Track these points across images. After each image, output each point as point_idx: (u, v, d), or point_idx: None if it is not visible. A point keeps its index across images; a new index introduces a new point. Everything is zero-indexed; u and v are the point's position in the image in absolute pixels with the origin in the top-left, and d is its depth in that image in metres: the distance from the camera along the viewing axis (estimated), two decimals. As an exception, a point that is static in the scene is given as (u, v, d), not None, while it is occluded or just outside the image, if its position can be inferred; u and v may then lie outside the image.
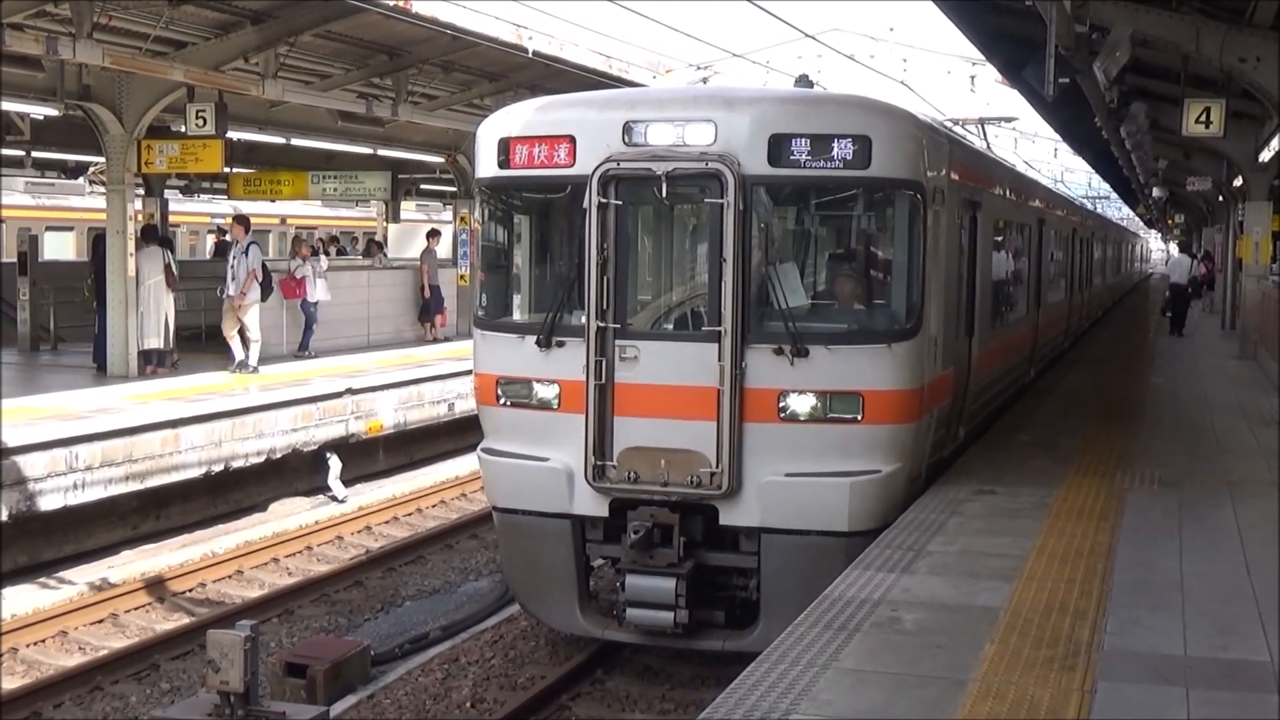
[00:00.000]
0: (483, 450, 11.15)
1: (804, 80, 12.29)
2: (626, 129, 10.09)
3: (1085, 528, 10.07)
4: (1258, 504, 11.30)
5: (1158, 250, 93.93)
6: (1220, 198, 33.04)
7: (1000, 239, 15.90)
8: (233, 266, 20.17)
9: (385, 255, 35.10)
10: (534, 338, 10.47)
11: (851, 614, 7.71)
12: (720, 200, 9.84)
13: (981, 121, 29.71)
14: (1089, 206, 41.54)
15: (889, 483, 10.15)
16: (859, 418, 9.96)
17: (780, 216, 10.70)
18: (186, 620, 13.35)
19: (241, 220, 21.52)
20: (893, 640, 7.28)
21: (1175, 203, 50.46)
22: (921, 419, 10.59)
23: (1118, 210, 73.28)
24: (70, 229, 36.90)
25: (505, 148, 10.61)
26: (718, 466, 9.90)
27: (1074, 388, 20.16)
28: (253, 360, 20.45)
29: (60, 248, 35.22)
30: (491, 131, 10.82)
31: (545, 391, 10.51)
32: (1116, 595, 8.22)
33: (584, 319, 10.20)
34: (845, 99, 11.13)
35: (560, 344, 10.38)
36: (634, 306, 10.60)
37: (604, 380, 10.11)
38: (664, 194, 10.11)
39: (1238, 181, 27.45)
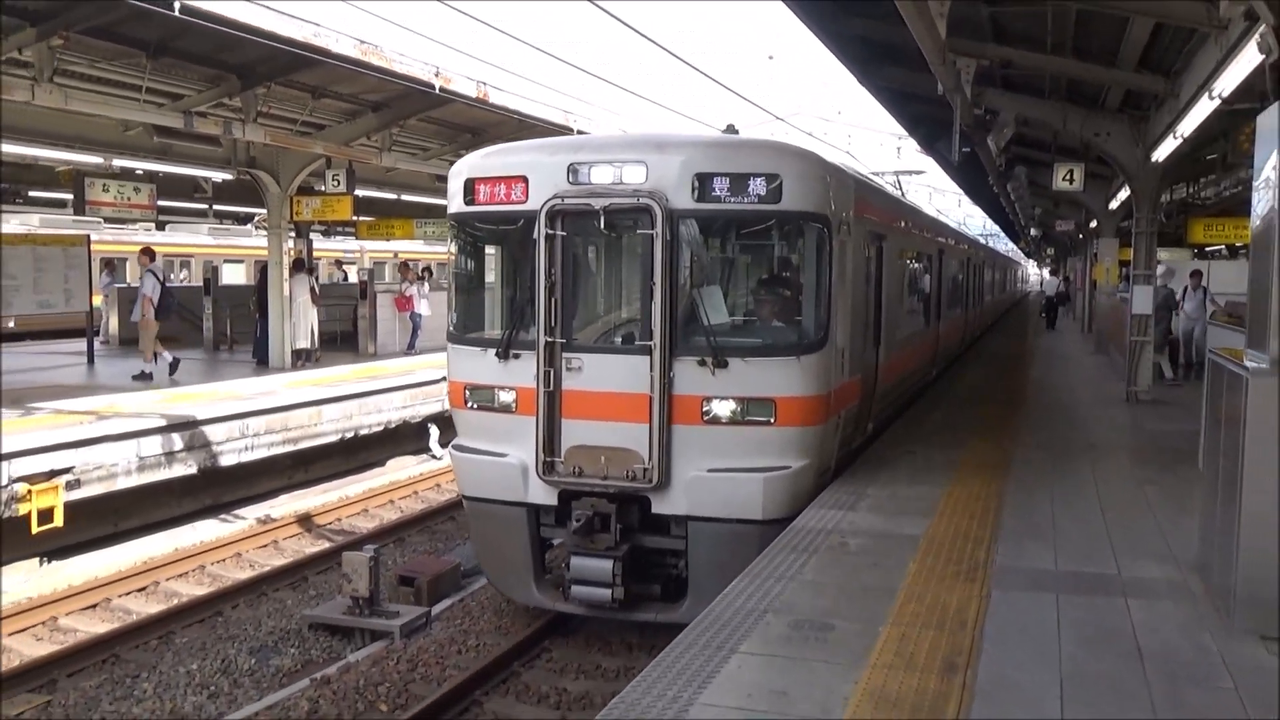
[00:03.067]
0: (453, 447, 9.91)
1: (730, 129, 10.90)
2: (571, 169, 8.89)
3: (983, 479, 10.07)
4: (1108, 461, 11.31)
5: (1034, 275, 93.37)
6: (1080, 235, 33.07)
7: (904, 265, 14.31)
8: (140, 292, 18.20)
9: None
10: (494, 350, 9.32)
11: (811, 540, 7.75)
12: (650, 231, 8.66)
13: (897, 174, 29.75)
14: (982, 240, 40.98)
15: (798, 477, 8.87)
16: (772, 420, 8.70)
17: (704, 245, 9.26)
18: (327, 545, 13.44)
19: (146, 251, 18.66)
20: (841, 559, 7.31)
21: (1047, 239, 50.32)
22: (828, 421, 9.27)
23: (1005, 244, 72.84)
24: (241, 261, 37.08)
25: (470, 187, 9.43)
26: (649, 463, 8.73)
27: (971, 381, 20.08)
28: (148, 369, 17.61)
29: (234, 275, 35.40)
30: (459, 173, 9.62)
31: (505, 397, 9.29)
32: (1005, 527, 8.24)
33: (536, 334, 9.06)
34: (760, 143, 9.64)
35: (516, 356, 9.18)
36: (581, 323, 9.31)
37: (552, 387, 8.94)
38: (602, 226, 8.91)
39: (1093, 224, 27.42)
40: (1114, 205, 22.74)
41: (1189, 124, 12.16)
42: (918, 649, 5.66)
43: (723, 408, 8.69)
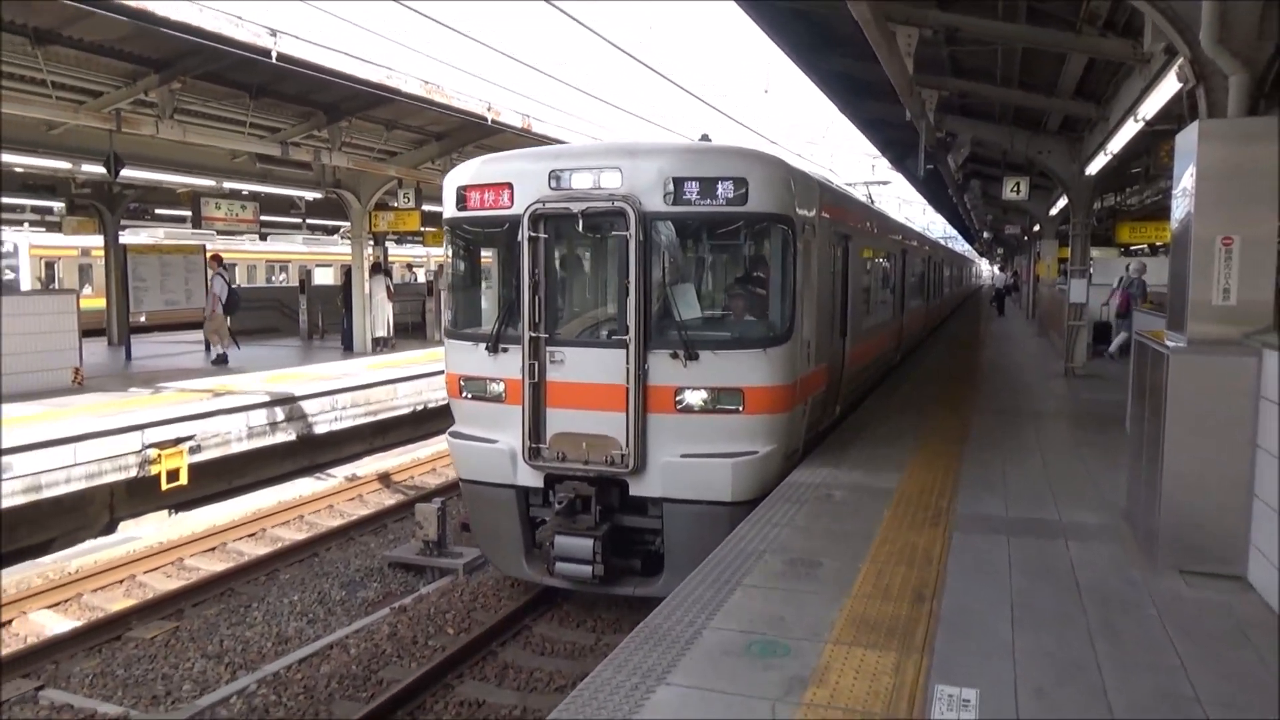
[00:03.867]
0: (450, 434, 8.79)
1: (705, 138, 9.91)
2: (553, 176, 7.95)
3: (945, 441, 10.01)
4: (1050, 426, 11.22)
5: (987, 271, 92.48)
6: (1025, 237, 32.72)
7: (869, 262, 12.95)
8: (208, 291, 18.24)
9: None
10: (485, 345, 8.32)
11: (802, 492, 7.73)
12: (625, 233, 7.70)
13: (868, 184, 29.42)
14: (942, 242, 40.16)
15: (766, 462, 7.90)
16: (740, 409, 7.75)
17: (676, 245, 8.12)
18: (402, 498, 13.49)
19: (215, 258, 18.63)
20: (827, 508, 7.29)
21: (998, 240, 49.73)
22: (795, 408, 8.28)
23: (962, 245, 72.08)
24: (329, 265, 37.22)
25: (462, 194, 8.41)
26: (626, 449, 7.83)
27: (934, 360, 19.95)
28: (219, 351, 17.69)
29: (324, 277, 35.54)
30: (452, 181, 8.55)
31: (495, 387, 8.33)
32: (963, 481, 8.20)
33: (521, 330, 8.12)
34: (728, 149, 8.26)
35: (505, 350, 8.21)
36: (563, 319, 8.31)
37: (537, 379, 8.03)
38: (581, 228, 7.92)
39: (1037, 227, 27.18)
40: (1054, 211, 22.51)
41: (1117, 143, 12.03)
42: (892, 582, 5.64)
43: (694, 397, 7.77)
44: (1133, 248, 29.34)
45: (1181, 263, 5.99)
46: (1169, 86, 8.54)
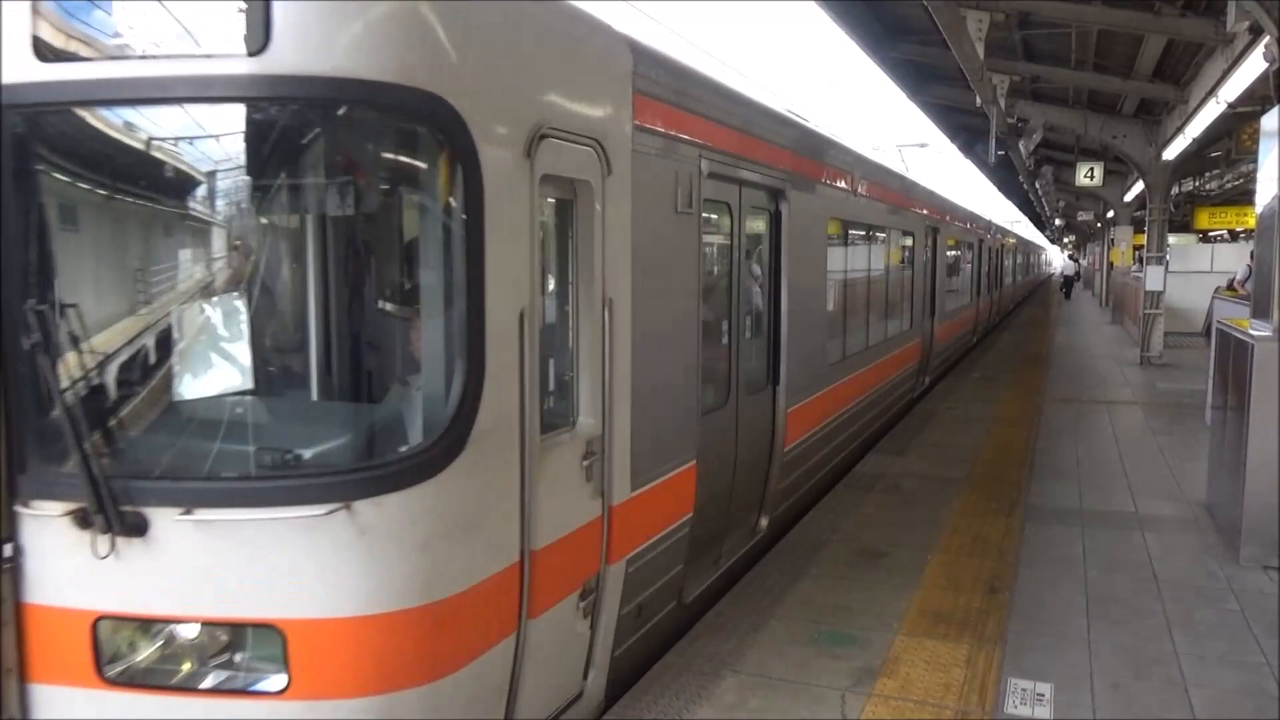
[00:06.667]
0: None
1: None
2: None
3: (1015, 429, 9.78)
4: (1124, 414, 10.90)
5: (1058, 259, 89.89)
6: (1099, 224, 31.87)
7: (848, 244, 7.86)
8: None
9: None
10: None
11: (869, 482, 7.60)
12: None
13: (900, 147, 24.61)
14: (1006, 226, 28.56)
15: None
16: (283, 686, 2.55)
17: (71, 187, 2.76)
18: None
19: None
20: (895, 498, 7.16)
21: (1069, 228, 48.59)
22: (479, 660, 2.91)
23: (1033, 232, 69.98)
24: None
25: None
26: None
27: (1004, 346, 19.49)
28: None
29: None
30: None
31: None
32: (1036, 470, 8.00)
33: None
34: None
35: None
36: None
37: None
38: None
39: (1110, 214, 26.46)
40: (1129, 198, 21.86)
41: (1197, 126, 11.62)
42: (963, 573, 5.52)
43: (143, 646, 2.72)
44: (1211, 234, 28.35)
45: (1267, 248, 5.76)
46: (1254, 67, 8.22)
